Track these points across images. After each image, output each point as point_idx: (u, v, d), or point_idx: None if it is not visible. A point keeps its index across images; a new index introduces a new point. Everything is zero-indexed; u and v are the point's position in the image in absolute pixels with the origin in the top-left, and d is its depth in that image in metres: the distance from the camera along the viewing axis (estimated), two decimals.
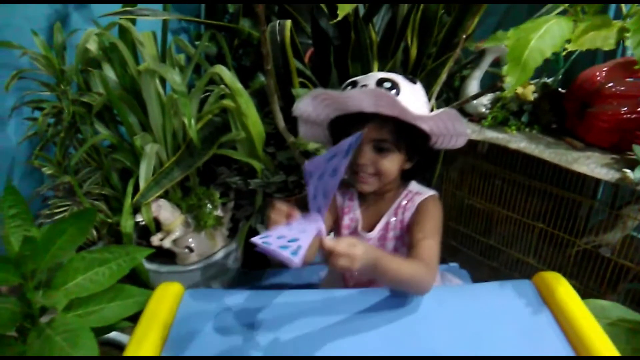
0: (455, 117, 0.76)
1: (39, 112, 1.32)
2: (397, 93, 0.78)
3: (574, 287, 0.76)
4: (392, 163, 0.83)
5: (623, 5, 0.80)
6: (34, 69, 1.28)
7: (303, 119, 0.89)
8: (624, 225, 1.22)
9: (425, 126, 0.81)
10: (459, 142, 0.84)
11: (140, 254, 0.91)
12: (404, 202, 0.89)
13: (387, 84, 0.78)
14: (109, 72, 1.34)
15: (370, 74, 0.82)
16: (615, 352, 0.64)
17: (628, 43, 0.71)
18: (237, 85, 1.26)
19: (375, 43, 1.56)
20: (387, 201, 0.90)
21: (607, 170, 1.12)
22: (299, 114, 0.86)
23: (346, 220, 0.93)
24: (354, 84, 0.81)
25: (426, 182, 0.94)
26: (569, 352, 0.66)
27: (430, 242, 0.79)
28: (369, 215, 0.92)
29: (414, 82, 0.83)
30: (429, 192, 0.89)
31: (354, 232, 0.92)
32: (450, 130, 0.80)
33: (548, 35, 0.71)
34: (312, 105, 0.83)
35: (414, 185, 0.91)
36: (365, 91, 0.74)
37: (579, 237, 1.30)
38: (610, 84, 1.16)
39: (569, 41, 0.76)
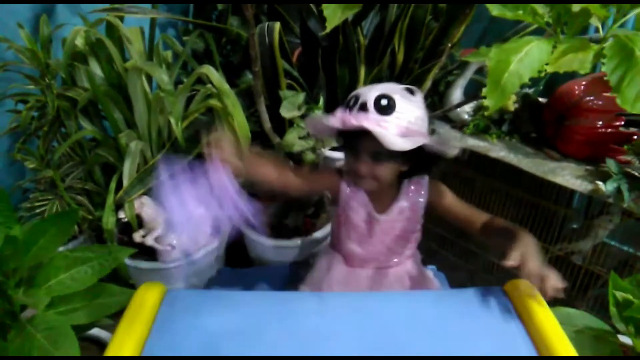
0: (440, 142, 0.83)
1: (23, 105, 1.31)
2: (392, 111, 0.82)
3: None
4: (387, 170, 0.89)
5: (600, 27, 0.83)
6: (18, 62, 1.27)
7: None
8: (595, 234, 1.27)
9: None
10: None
11: (123, 254, 0.92)
12: (412, 187, 0.96)
13: (384, 102, 0.82)
14: (95, 68, 1.34)
15: (370, 87, 0.86)
16: None
17: (604, 69, 0.74)
18: (225, 86, 1.27)
19: (363, 47, 1.58)
20: (394, 188, 0.97)
21: (581, 182, 1.16)
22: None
23: (354, 204, 0.97)
24: (356, 99, 0.85)
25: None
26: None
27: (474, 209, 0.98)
28: (379, 200, 0.97)
29: (413, 94, 0.87)
30: (425, 177, 0.98)
31: (368, 215, 0.97)
32: (439, 150, 0.86)
33: (527, 58, 0.74)
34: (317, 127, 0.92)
35: None
36: (360, 122, 0.81)
37: (552, 244, 1.35)
38: (588, 98, 1.20)
39: (547, 63, 0.78)
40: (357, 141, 0.86)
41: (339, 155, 1.60)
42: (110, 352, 0.69)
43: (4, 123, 1.34)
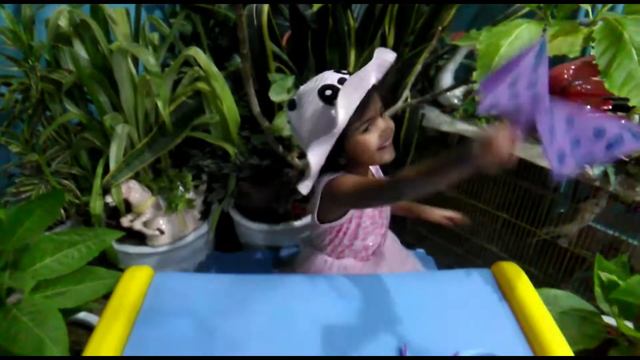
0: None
1: (6, 87, 1.28)
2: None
3: (533, 274, 0.81)
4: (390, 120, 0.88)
5: (590, 11, 0.82)
6: (0, 43, 1.24)
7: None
8: (582, 218, 1.28)
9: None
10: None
11: (110, 237, 0.91)
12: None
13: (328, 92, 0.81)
14: (80, 50, 1.31)
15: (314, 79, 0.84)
16: (562, 340, 0.68)
17: (593, 52, 0.74)
18: (213, 68, 1.25)
19: (353, 30, 1.56)
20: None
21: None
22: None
23: None
24: (328, 86, 0.82)
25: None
26: (520, 339, 0.71)
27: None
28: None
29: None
30: None
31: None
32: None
33: (517, 41, 0.73)
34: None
35: None
36: (372, 63, 0.78)
37: (539, 228, 1.36)
38: (577, 82, 1.20)
39: None
40: (366, 108, 0.82)
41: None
42: (96, 334, 0.69)
43: None
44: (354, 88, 0.78)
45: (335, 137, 0.80)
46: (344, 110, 0.77)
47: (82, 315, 1.13)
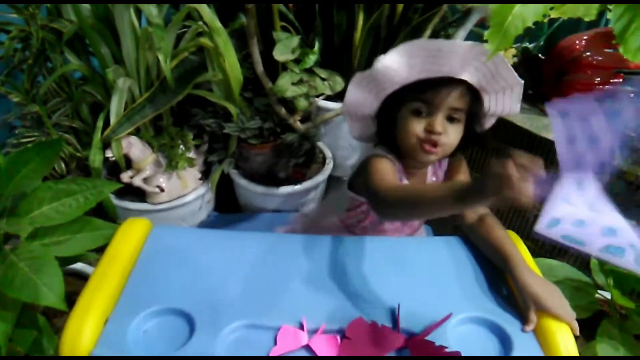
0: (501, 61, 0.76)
1: (5, 35, 1.26)
2: None
3: (529, 247, 0.80)
4: (457, 135, 0.81)
5: None
6: None
7: (351, 111, 0.87)
8: None
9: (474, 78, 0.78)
10: (512, 107, 0.83)
11: (108, 188, 0.91)
12: (436, 163, 0.93)
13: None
14: None
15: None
16: None
17: (610, 16, 0.71)
18: (217, 23, 1.22)
19: None
20: (427, 165, 0.92)
21: None
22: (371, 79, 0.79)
23: None
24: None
25: None
26: (514, 303, 0.71)
27: None
28: (414, 181, 0.92)
29: None
30: None
31: None
32: (496, 78, 0.78)
33: (532, 3, 0.71)
34: (400, 61, 0.75)
35: None
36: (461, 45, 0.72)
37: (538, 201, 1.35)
38: (588, 53, 1.18)
39: (552, 8, 0.75)
40: (434, 94, 0.76)
41: (332, 105, 1.57)
42: (90, 284, 0.69)
43: None
44: (424, 49, 0.73)
45: (372, 80, 0.78)
46: (398, 59, 0.74)
47: (79, 266, 1.14)
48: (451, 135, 0.80)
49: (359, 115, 0.88)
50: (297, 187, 1.52)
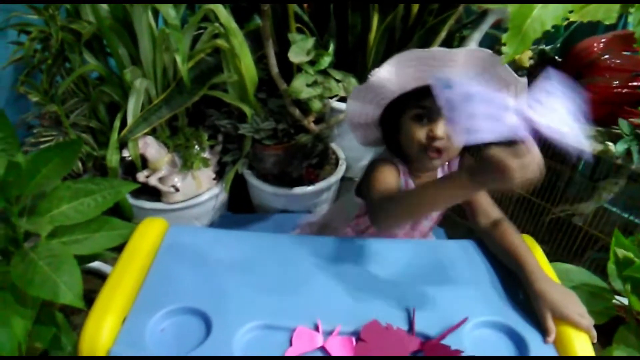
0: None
1: (25, 36, 1.28)
2: None
3: (544, 250, 0.80)
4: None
5: None
6: None
7: (354, 120, 0.87)
8: (599, 196, 1.26)
9: None
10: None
11: (125, 188, 0.92)
12: (446, 165, 0.92)
13: None
14: None
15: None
16: None
17: (630, 19, 0.70)
18: (233, 25, 1.23)
19: None
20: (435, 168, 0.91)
21: (590, 142, 1.14)
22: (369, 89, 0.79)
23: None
24: None
25: None
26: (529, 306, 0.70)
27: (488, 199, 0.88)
28: (422, 181, 0.91)
29: None
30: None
31: None
32: (495, 79, 0.77)
33: (552, 3, 0.70)
34: (393, 72, 0.75)
35: None
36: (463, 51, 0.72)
37: (554, 205, 1.34)
38: (607, 56, 1.16)
39: (571, 11, 0.75)
40: (433, 101, 0.74)
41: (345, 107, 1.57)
42: (109, 283, 0.70)
43: (6, 55, 1.31)
44: (416, 59, 0.72)
45: (370, 91, 0.78)
46: (390, 69, 0.74)
47: (97, 264, 1.15)
48: (452, 145, 0.80)
49: (362, 124, 0.89)
50: (310, 188, 1.53)
